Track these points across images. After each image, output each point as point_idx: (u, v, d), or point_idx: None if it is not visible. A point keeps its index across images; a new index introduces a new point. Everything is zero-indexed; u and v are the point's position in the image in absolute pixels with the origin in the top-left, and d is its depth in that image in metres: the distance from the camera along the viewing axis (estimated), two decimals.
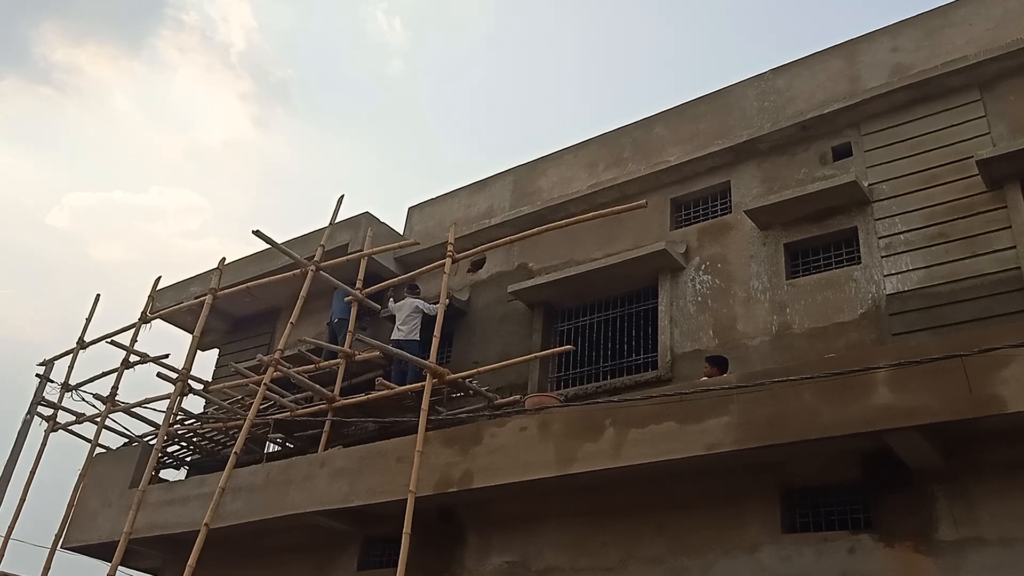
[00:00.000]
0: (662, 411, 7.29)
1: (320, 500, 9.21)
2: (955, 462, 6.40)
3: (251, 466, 10.40)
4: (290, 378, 10.49)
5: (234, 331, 14.64)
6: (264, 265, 13.25)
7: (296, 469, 9.70)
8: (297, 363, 11.25)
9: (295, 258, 10.90)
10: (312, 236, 12.75)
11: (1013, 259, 7.94)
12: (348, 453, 9.55)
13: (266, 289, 12.18)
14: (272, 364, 10.05)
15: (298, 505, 9.34)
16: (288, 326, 10.36)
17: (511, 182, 12.85)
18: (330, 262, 11.04)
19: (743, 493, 7.35)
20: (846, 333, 8.61)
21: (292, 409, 10.73)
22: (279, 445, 11.87)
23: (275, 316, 13.96)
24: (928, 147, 9.00)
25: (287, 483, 9.57)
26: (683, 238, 10.43)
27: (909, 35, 9.85)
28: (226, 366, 13.22)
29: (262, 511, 9.63)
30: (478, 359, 11.03)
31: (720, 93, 11.21)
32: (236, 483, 9.59)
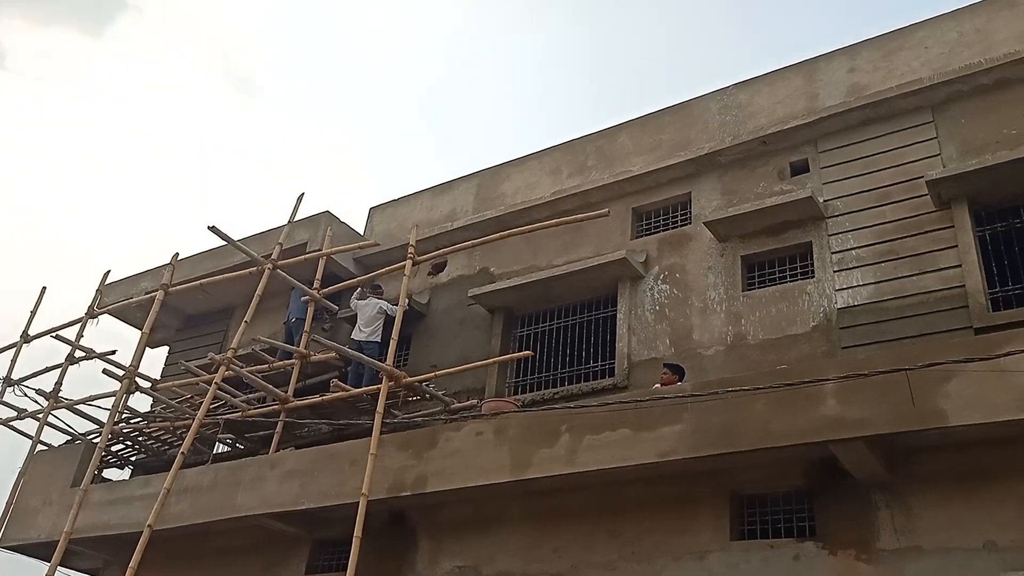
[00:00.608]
0: (617, 418, 7.33)
1: (269, 502, 9.06)
2: (897, 473, 6.56)
3: (198, 467, 10.20)
4: (242, 378, 10.33)
5: (186, 328, 14.35)
6: (219, 262, 13.03)
7: (245, 470, 9.53)
8: (250, 363, 11.08)
9: (252, 256, 10.73)
10: (270, 234, 12.57)
11: (958, 277, 8.17)
12: (300, 455, 9.41)
13: (221, 287, 11.96)
14: (224, 363, 9.87)
15: (246, 507, 9.17)
16: (242, 325, 10.21)
17: (475, 186, 12.84)
18: (288, 261, 10.89)
19: (694, 500, 7.42)
20: (798, 345, 8.76)
21: (243, 409, 10.54)
22: (228, 446, 11.65)
23: (229, 314, 13.72)
24: (881, 166, 9.23)
25: (235, 484, 9.39)
26: (643, 247, 10.53)
27: (866, 56, 10.10)
28: (176, 364, 12.94)
29: (208, 513, 9.44)
30: (436, 363, 10.98)
31: (683, 105, 11.36)
32: (182, 484, 9.40)
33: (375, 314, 11.08)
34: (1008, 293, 8.06)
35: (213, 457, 11.16)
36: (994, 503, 6.16)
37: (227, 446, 11.68)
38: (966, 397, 5.90)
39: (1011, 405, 5.76)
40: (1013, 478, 6.15)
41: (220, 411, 10.88)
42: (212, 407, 10.35)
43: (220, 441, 11.56)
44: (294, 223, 11.50)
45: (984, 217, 8.49)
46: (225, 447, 11.72)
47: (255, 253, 10.78)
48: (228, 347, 10.48)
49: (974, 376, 5.88)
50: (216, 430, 10.92)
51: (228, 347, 10.48)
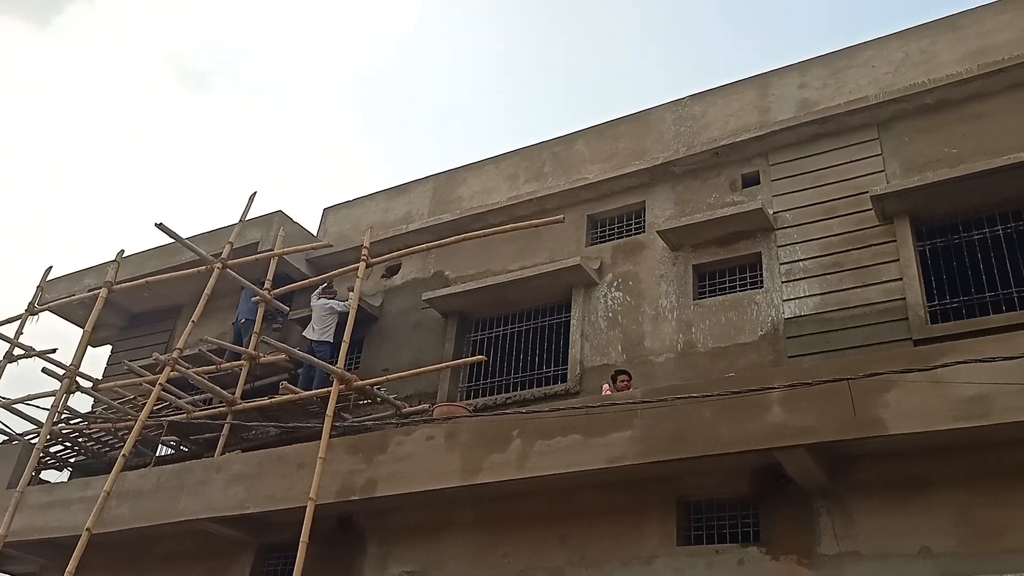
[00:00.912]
0: (569, 423, 7.37)
1: (213, 506, 8.88)
2: (838, 480, 6.71)
3: (140, 469, 9.95)
4: (188, 379, 10.12)
5: (130, 327, 14.01)
6: (167, 260, 12.77)
7: (189, 473, 9.32)
8: (197, 363, 10.87)
9: (200, 254, 10.54)
10: (220, 232, 12.36)
11: (899, 290, 8.43)
12: (246, 458, 9.25)
13: (167, 285, 11.72)
14: (169, 363, 9.67)
15: (189, 511, 8.97)
16: (189, 324, 10.01)
17: (431, 189, 12.80)
18: (238, 260, 10.72)
19: (642, 505, 7.49)
20: (746, 354, 8.93)
21: (188, 411, 10.33)
22: (172, 448, 11.40)
23: (176, 314, 13.44)
24: (829, 180, 9.47)
25: (179, 488, 9.18)
26: (598, 254, 10.62)
27: (816, 72, 10.36)
28: (119, 364, 12.62)
29: (150, 517, 9.21)
30: (388, 366, 10.91)
31: (640, 115, 11.50)
32: (123, 487, 9.16)
33: (325, 314, 10.97)
34: (946, 306, 8.33)
35: (156, 460, 10.89)
36: (930, 510, 6.35)
37: (171, 449, 11.42)
38: (905, 407, 6.08)
39: (947, 415, 5.95)
40: (948, 486, 6.35)
41: (164, 412, 10.64)
42: (156, 408, 10.14)
43: (163, 443, 11.30)
44: (245, 222, 11.33)
45: (925, 232, 8.77)
46: (169, 450, 11.45)
47: (204, 252, 10.59)
48: (174, 347, 10.27)
49: (912, 386, 6.05)
50: (159, 432, 10.69)
51: (174, 347, 10.27)
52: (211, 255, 10.63)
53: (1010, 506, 6.11)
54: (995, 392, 5.77)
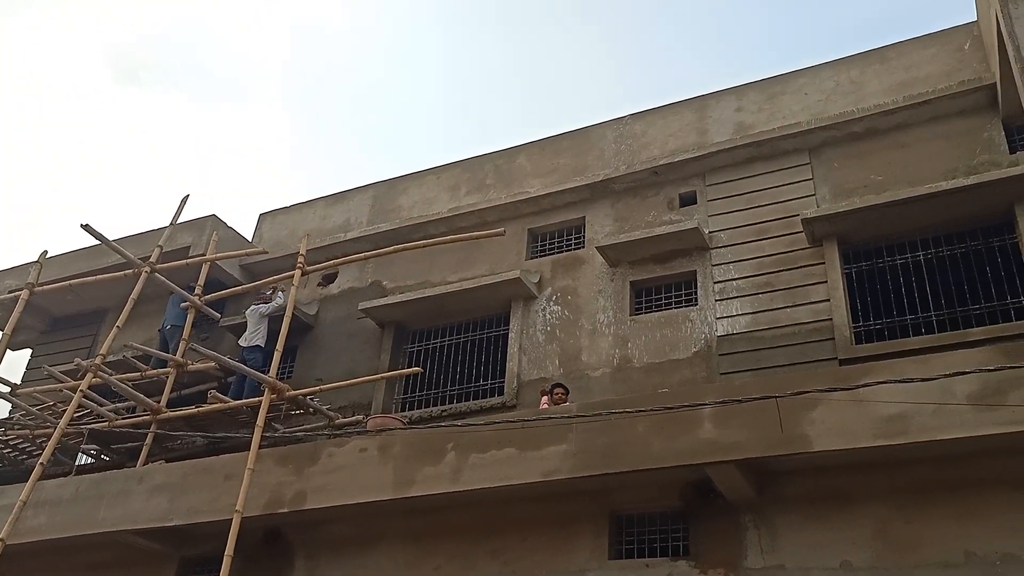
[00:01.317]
0: (504, 437, 7.35)
1: (135, 518, 8.56)
2: (765, 495, 6.86)
3: (59, 478, 9.53)
4: (111, 386, 9.76)
5: (51, 331, 13.47)
6: (92, 262, 12.34)
7: (110, 484, 8.97)
8: (121, 370, 10.53)
9: (128, 257, 10.21)
10: (150, 235, 12.02)
11: (827, 311, 8.71)
12: (169, 468, 8.95)
13: (92, 288, 11.34)
14: (92, 369, 9.32)
15: (109, 522, 8.63)
16: (114, 329, 9.69)
17: (371, 197, 12.69)
18: (167, 265, 10.43)
19: (575, 519, 7.52)
20: (680, 370, 9.08)
21: (111, 419, 9.95)
22: (93, 457, 10.96)
23: (100, 318, 12.98)
24: (762, 202, 9.75)
25: (98, 498, 8.83)
26: (537, 268, 10.68)
27: (752, 97, 10.67)
28: (39, 368, 12.10)
29: (68, 528, 8.82)
30: (322, 376, 10.73)
31: (581, 131, 11.64)
32: (41, 496, 8.77)
33: (255, 319, 10.75)
34: (870, 328, 8.64)
35: (76, 469, 10.46)
36: (850, 525, 6.53)
37: (91, 457, 10.99)
38: (829, 424, 6.26)
39: (868, 433, 6.15)
40: (868, 501, 6.55)
41: (85, 420, 10.24)
42: (76, 416, 9.75)
43: (84, 452, 10.87)
44: (177, 225, 11.03)
45: (851, 256, 9.09)
46: (89, 459, 11.01)
47: (131, 255, 10.26)
48: (97, 352, 9.91)
49: (836, 405, 6.24)
50: (80, 440, 10.27)
51: (97, 352, 9.91)
52: (139, 258, 10.32)
53: (924, 521, 6.33)
54: (912, 411, 6.00)
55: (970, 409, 5.89)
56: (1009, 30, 7.35)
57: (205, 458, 8.97)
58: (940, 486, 6.36)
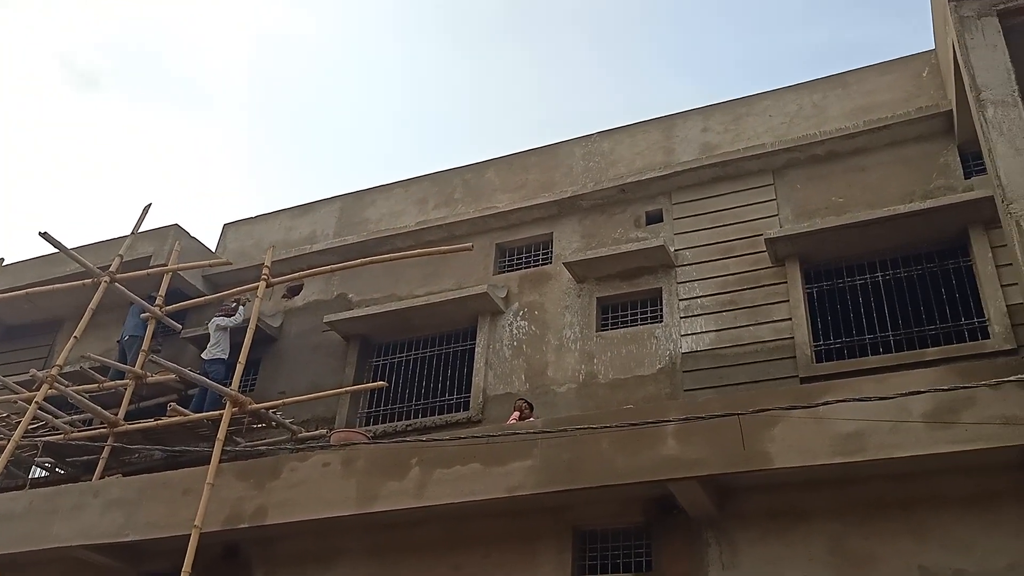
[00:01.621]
0: (469, 452, 7.34)
1: (89, 533, 8.36)
2: (726, 511, 6.95)
3: (12, 492, 9.28)
4: (67, 397, 9.55)
5: (6, 340, 13.13)
6: (50, 271, 12.10)
7: (64, 497, 8.77)
8: (78, 381, 10.31)
9: (87, 266, 10.03)
10: (110, 244, 11.83)
11: (788, 329, 8.86)
12: (126, 483, 8.78)
13: (49, 297, 11.10)
14: (48, 380, 9.11)
15: (63, 538, 8.42)
16: (71, 340, 9.49)
17: (337, 209, 12.63)
18: (128, 274, 10.27)
19: (539, 535, 7.52)
20: (644, 386, 9.16)
21: (66, 431, 9.73)
22: (47, 470, 10.70)
23: (57, 328, 12.70)
24: (726, 222, 9.90)
25: (52, 513, 8.61)
26: (505, 283, 10.70)
27: (718, 118, 10.85)
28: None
29: (20, 543, 8.59)
30: (285, 389, 10.62)
31: (549, 148, 11.72)
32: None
33: (214, 331, 10.61)
34: (830, 346, 8.80)
35: (30, 482, 10.20)
36: (809, 541, 6.64)
37: (45, 471, 10.72)
38: (789, 441, 6.36)
39: (826, 450, 6.26)
40: (826, 518, 6.66)
41: (40, 432, 9.99)
42: (31, 427, 9.50)
43: (38, 465, 10.60)
44: (138, 234, 10.88)
45: (813, 275, 9.27)
46: (43, 472, 10.74)
47: (91, 264, 10.08)
48: (53, 363, 9.70)
49: (796, 422, 6.36)
50: (34, 452, 10.02)
51: (53, 363, 9.70)
52: (98, 267, 10.14)
53: (879, 538, 6.46)
54: (870, 430, 6.13)
55: (925, 427, 6.04)
56: (965, 59, 7.58)
57: (163, 472, 8.82)
58: (895, 503, 6.50)
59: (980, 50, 7.48)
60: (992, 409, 5.92)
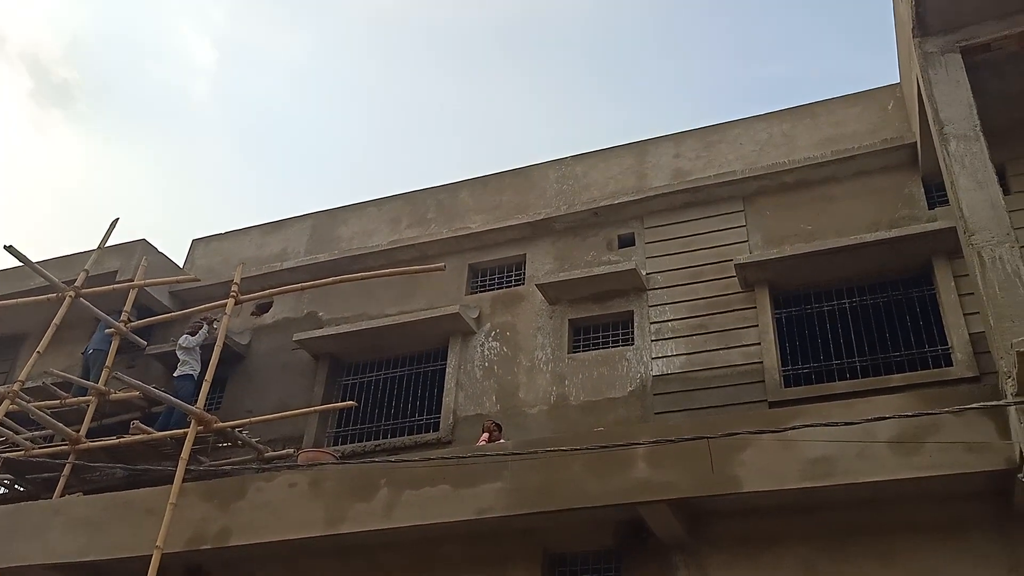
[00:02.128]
0: (439, 474, 7.29)
1: (51, 553, 8.15)
2: (695, 535, 6.97)
3: None
4: (28, 413, 9.32)
5: None
6: (12, 284, 11.86)
7: (25, 516, 8.54)
8: (40, 396, 10.07)
9: (51, 280, 9.84)
10: (76, 258, 11.64)
11: (758, 354, 8.97)
12: (89, 501, 8.58)
13: (11, 312, 10.86)
14: (9, 395, 8.89)
15: (24, 557, 8.19)
16: (34, 355, 9.29)
17: (309, 227, 12.55)
18: (93, 289, 10.09)
19: (508, 557, 7.47)
20: (616, 408, 9.19)
21: (27, 448, 9.48)
22: (7, 487, 10.41)
23: (19, 342, 12.42)
24: (697, 246, 10.02)
25: (12, 532, 8.38)
26: (477, 303, 10.70)
27: (690, 144, 11.01)
28: None
29: None
30: (252, 408, 10.48)
31: (523, 170, 11.79)
32: None
33: (179, 351, 10.46)
34: (799, 371, 8.92)
35: None
36: (776, 565, 6.68)
37: (5, 488, 10.43)
38: (758, 465, 6.42)
39: (796, 474, 6.33)
40: (794, 542, 6.71)
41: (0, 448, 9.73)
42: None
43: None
44: (105, 249, 10.71)
45: (782, 300, 9.40)
46: (2, 489, 10.45)
47: (56, 278, 9.89)
48: (15, 378, 9.47)
49: (766, 446, 6.42)
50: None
51: (15, 378, 9.47)
52: (64, 282, 9.96)
53: (848, 563, 6.52)
54: (837, 454, 6.20)
55: (891, 453, 6.14)
56: (928, 93, 7.80)
57: (126, 491, 8.62)
58: (864, 528, 6.57)
59: (943, 85, 7.70)
60: (956, 435, 6.03)
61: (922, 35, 7.87)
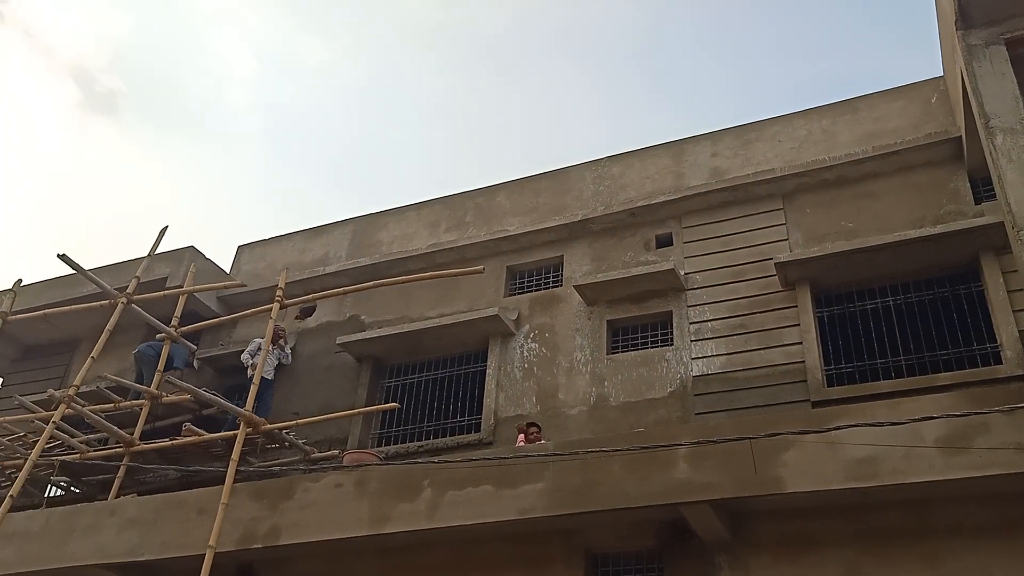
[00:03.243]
0: (481, 474, 7.37)
1: (105, 552, 8.41)
2: (738, 535, 6.94)
3: (28, 511, 9.35)
4: (84, 417, 9.65)
5: (23, 360, 13.29)
6: (66, 291, 12.26)
7: (80, 517, 8.82)
8: (95, 400, 10.40)
9: (104, 288, 10.15)
10: (127, 265, 12.00)
11: (799, 353, 8.89)
12: (142, 502, 8.83)
13: (66, 318, 11.25)
14: (65, 400, 9.21)
15: (79, 557, 8.47)
16: (88, 360, 9.59)
17: (350, 231, 12.76)
18: (144, 296, 10.39)
19: (549, 558, 7.52)
20: (655, 409, 9.18)
21: (82, 451, 9.81)
22: (63, 489, 10.77)
23: (74, 348, 12.85)
24: (736, 245, 9.96)
25: (68, 532, 8.67)
26: (516, 305, 10.78)
27: (727, 143, 10.95)
28: (9, 398, 11.91)
29: (36, 561, 8.63)
30: (298, 410, 10.69)
31: (560, 172, 11.84)
32: (8, 528, 8.58)
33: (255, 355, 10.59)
34: (841, 370, 8.82)
35: (46, 501, 10.27)
36: (821, 568, 6.61)
37: (61, 489, 10.80)
38: (801, 466, 6.37)
39: (839, 475, 6.27)
40: (837, 545, 6.64)
41: (56, 451, 10.09)
42: (48, 447, 9.60)
43: (54, 484, 10.68)
44: (155, 256, 11.01)
45: (823, 299, 9.30)
46: (59, 491, 10.82)
47: (108, 285, 10.21)
48: (70, 383, 9.80)
49: (809, 446, 6.37)
50: (50, 472, 10.10)
51: (70, 383, 9.80)
52: (115, 288, 10.27)
53: (893, 565, 6.44)
54: (882, 455, 6.13)
55: (938, 453, 6.04)
56: (973, 86, 7.67)
57: (178, 492, 8.87)
58: (910, 530, 6.48)
59: (988, 78, 7.57)
60: (1006, 435, 5.92)
61: (965, 27, 7.75)
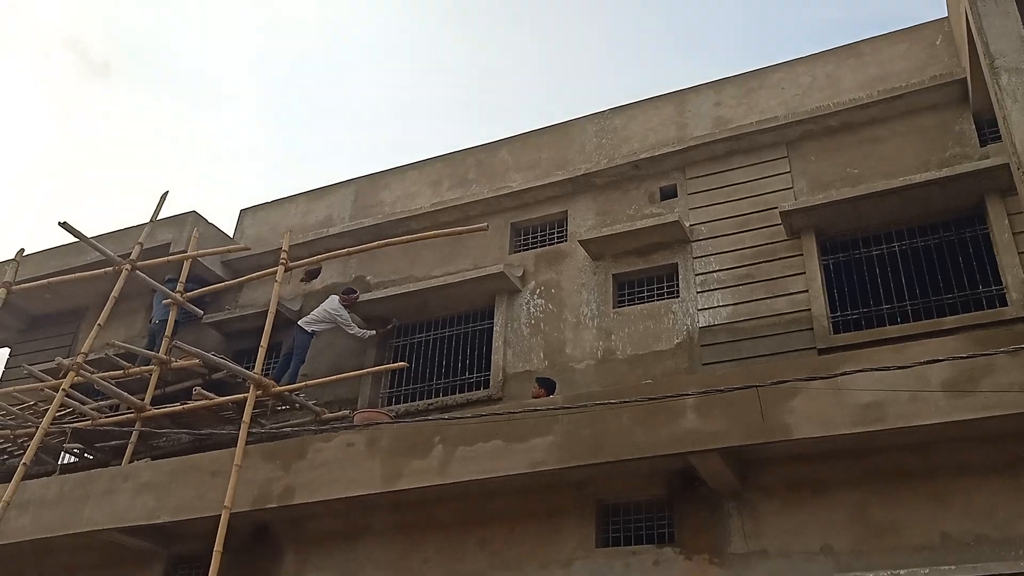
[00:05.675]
0: (491, 429, 7.45)
1: (121, 516, 8.55)
2: (747, 482, 7.03)
3: (43, 478, 9.49)
4: (94, 384, 9.73)
5: (30, 330, 13.35)
6: (70, 260, 12.27)
7: (95, 483, 8.95)
8: (104, 368, 10.47)
9: (107, 255, 10.16)
10: (129, 232, 11.97)
11: (805, 301, 8.89)
12: (156, 466, 8.96)
13: (71, 286, 11.28)
14: (73, 368, 9.28)
15: (96, 522, 8.62)
16: (95, 327, 9.64)
17: (352, 192, 12.70)
18: (148, 262, 10.40)
19: (561, 509, 7.64)
20: (663, 361, 9.23)
21: (94, 418, 9.92)
22: (76, 456, 10.92)
23: (80, 316, 12.89)
24: (741, 195, 9.90)
25: (84, 498, 8.81)
26: (521, 262, 10.77)
27: (730, 92, 10.80)
28: (18, 368, 12.02)
29: (53, 528, 8.79)
30: (307, 371, 10.76)
31: (562, 126, 11.72)
32: (24, 496, 8.72)
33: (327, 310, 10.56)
34: (847, 317, 8.84)
35: (60, 468, 10.41)
36: (830, 510, 6.71)
37: (75, 456, 10.94)
38: (808, 412, 6.42)
39: (846, 420, 6.32)
40: (845, 488, 6.73)
41: (67, 419, 10.19)
42: (59, 415, 9.70)
43: (67, 451, 10.81)
44: (157, 222, 11.00)
45: (829, 247, 9.28)
46: (72, 458, 10.96)
47: (111, 252, 10.21)
48: (78, 351, 9.87)
49: (815, 393, 6.41)
50: (62, 439, 10.22)
51: (78, 351, 9.87)
52: (119, 255, 10.28)
53: (901, 506, 6.53)
54: (889, 399, 6.17)
55: (944, 396, 6.08)
56: (978, 26, 7.53)
57: (191, 455, 8.98)
58: (916, 471, 6.55)
59: (993, 17, 7.43)
60: (1011, 376, 5.95)
61: None
